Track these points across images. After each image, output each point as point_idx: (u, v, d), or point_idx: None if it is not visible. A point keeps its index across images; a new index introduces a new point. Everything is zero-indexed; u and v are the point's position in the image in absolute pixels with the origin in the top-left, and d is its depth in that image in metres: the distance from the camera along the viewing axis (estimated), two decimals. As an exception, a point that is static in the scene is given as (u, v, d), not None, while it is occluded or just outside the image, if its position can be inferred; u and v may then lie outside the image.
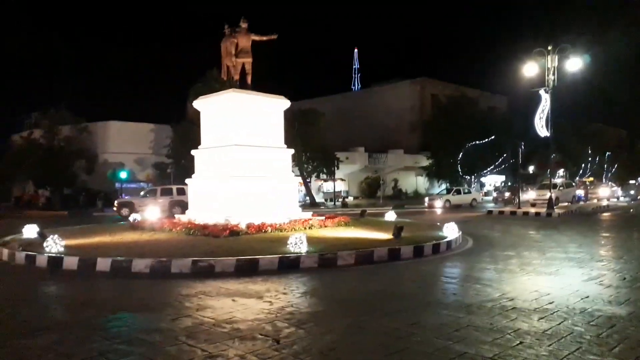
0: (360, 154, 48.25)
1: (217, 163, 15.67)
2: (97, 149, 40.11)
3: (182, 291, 7.61)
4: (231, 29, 16.49)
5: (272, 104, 16.32)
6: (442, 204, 32.65)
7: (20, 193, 43.72)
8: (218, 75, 25.59)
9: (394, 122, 56.00)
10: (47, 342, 5.15)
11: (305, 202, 37.33)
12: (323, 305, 6.75)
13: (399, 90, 59.46)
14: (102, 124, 41.38)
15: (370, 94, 64.25)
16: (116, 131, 41.38)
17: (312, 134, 35.59)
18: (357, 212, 21.15)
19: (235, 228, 12.80)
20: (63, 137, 38.13)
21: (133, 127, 41.66)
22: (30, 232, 12.84)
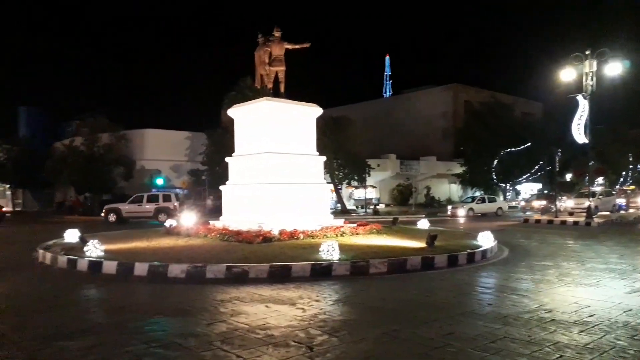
0: (391, 161, 47.95)
1: (251, 170, 15.87)
2: (135, 156, 41.18)
3: (216, 296, 7.73)
4: (265, 38, 16.72)
5: (305, 111, 16.43)
6: (465, 212, 31.95)
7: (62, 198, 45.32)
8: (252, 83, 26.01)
9: (426, 128, 55.49)
10: (87, 344, 5.29)
11: (336, 209, 37.31)
12: (356, 313, 6.71)
13: (431, 96, 58.93)
14: (139, 131, 42.52)
15: (401, 101, 63.88)
16: (153, 139, 42.41)
17: (343, 141, 35.63)
18: (388, 220, 20.99)
19: (268, 234, 12.92)
20: (102, 145, 39.42)
21: (169, 134, 42.61)
22: (72, 237, 13.27)
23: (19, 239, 18.69)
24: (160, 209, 28.92)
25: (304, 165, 16.06)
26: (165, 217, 28.15)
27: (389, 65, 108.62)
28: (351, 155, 36.68)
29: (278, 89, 16.66)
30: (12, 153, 46.21)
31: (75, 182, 39.09)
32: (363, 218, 28.01)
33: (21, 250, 14.10)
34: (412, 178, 46.38)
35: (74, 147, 39.65)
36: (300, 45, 16.85)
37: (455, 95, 57.73)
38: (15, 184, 48.77)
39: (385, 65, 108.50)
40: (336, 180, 37.36)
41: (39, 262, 11.80)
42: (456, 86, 58.28)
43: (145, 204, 29.26)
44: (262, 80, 16.92)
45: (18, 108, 58.62)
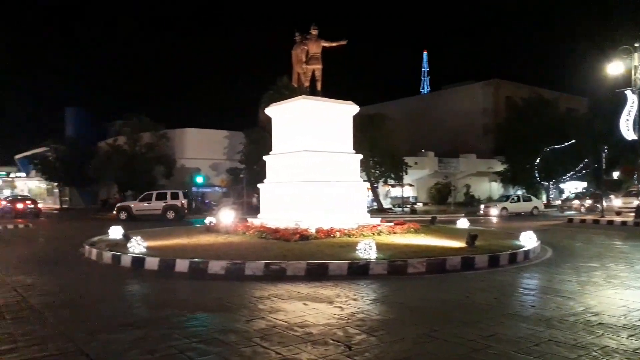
0: (429, 159, 47.29)
1: (288, 168, 15.99)
2: (175, 155, 42.13)
3: (255, 293, 7.82)
4: (302, 37, 16.75)
5: (341, 109, 16.41)
6: (498, 211, 30.99)
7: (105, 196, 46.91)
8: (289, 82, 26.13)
9: (466, 125, 54.35)
10: (132, 338, 5.46)
11: (373, 207, 37.14)
12: (394, 313, 6.66)
13: (471, 92, 57.71)
14: (179, 130, 43.47)
15: (440, 97, 62.86)
16: (193, 137, 43.28)
17: (380, 139, 35.35)
18: (426, 219, 20.72)
19: (305, 232, 12.98)
20: (144, 144, 40.53)
21: (208, 133, 43.38)
22: (116, 234, 13.72)
23: (65, 235, 19.48)
24: (168, 206, 29.56)
25: (341, 163, 16.05)
26: (173, 214, 29.09)
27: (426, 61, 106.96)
28: (388, 153, 36.35)
29: (315, 87, 16.69)
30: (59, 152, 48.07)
31: (119, 180, 40.37)
32: (400, 217, 27.76)
33: (68, 246, 14.68)
34: (451, 176, 45.60)
35: (117, 146, 40.95)
36: (337, 43, 16.80)
37: (496, 91, 56.36)
38: (62, 182, 50.72)
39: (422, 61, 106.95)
40: (372, 178, 37.14)
41: (85, 257, 12.28)
42: (497, 81, 56.90)
43: (154, 202, 29.85)
44: (299, 78, 16.98)
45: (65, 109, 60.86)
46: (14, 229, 23.10)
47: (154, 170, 40.22)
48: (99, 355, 4.92)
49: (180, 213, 29.46)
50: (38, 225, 25.62)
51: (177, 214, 29.32)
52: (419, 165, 44.34)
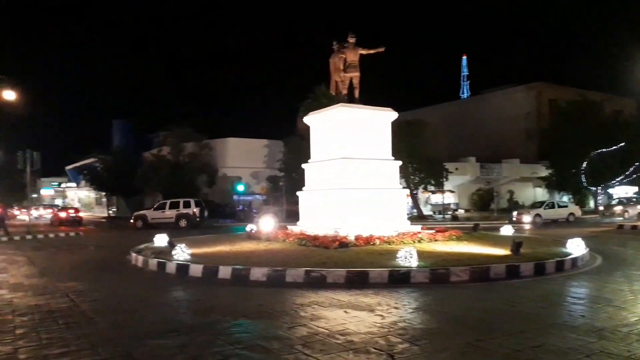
0: (471, 165, 46.33)
1: (326, 176, 16.04)
2: (217, 164, 43.01)
3: (296, 300, 7.87)
4: (339, 45, 16.82)
5: (380, 116, 16.36)
6: (532, 218, 29.72)
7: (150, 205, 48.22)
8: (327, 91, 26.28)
9: (508, 130, 52.98)
10: (178, 343, 5.59)
11: (412, 214, 36.69)
12: (437, 322, 6.56)
13: (513, 96, 56.28)
14: (221, 140, 44.40)
15: (480, 101, 61.58)
16: (234, 147, 44.11)
17: (419, 145, 34.96)
18: (469, 226, 20.30)
19: (344, 240, 12.96)
20: (187, 153, 41.58)
21: (249, 142, 44.12)
22: (161, 241, 14.10)
23: (113, 243, 20.17)
24: (181, 215, 30.37)
25: (380, 170, 15.97)
26: (185, 222, 29.72)
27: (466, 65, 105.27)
28: (427, 159, 35.90)
29: (353, 95, 16.71)
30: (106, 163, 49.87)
31: (163, 190, 41.50)
32: (441, 224, 27.30)
33: (116, 254, 15.20)
34: (494, 182, 44.49)
35: (162, 156, 42.17)
36: (375, 50, 16.79)
37: (539, 94, 54.75)
38: (110, 191, 52.58)
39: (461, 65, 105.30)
40: (412, 185, 36.73)
41: (132, 264, 12.67)
42: (540, 85, 55.31)
43: (168, 211, 30.76)
44: (337, 86, 17.05)
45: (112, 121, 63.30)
46: (65, 237, 24.10)
47: (197, 179, 41.18)
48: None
49: (192, 221, 30.25)
50: (87, 233, 26.64)
51: (189, 222, 30.14)
52: (459, 171, 43.51)
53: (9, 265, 13.23)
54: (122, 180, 46.69)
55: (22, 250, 17.46)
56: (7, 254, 16.04)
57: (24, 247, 18.78)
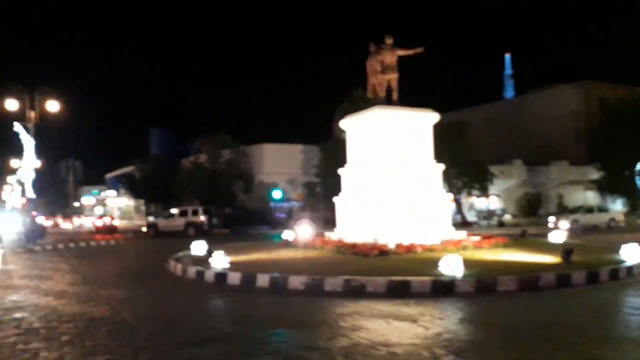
0: (517, 168, 44.91)
1: (364, 181, 15.77)
2: (253, 170, 43.35)
3: (336, 310, 7.70)
4: (377, 47, 16.59)
5: (420, 118, 15.98)
6: (569, 224, 28.25)
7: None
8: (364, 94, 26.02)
9: (556, 131, 51.10)
10: (217, 353, 5.55)
11: (456, 220, 35.86)
12: (483, 333, 6.27)
13: (560, 95, 54.30)
14: (257, 146, 44.77)
15: (526, 101, 59.69)
16: (270, 153, 44.40)
17: (462, 147, 34.14)
18: (516, 232, 19.61)
19: (384, 247, 12.68)
20: (224, 160, 42.09)
21: (285, 148, 44.31)
22: (199, 249, 14.20)
23: (152, 251, 20.57)
24: (189, 223, 31.06)
25: (421, 175, 15.57)
26: (194, 230, 30.24)
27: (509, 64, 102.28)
28: (471, 162, 35.01)
29: (391, 97, 16.40)
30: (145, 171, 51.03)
31: (200, 197, 42.19)
32: (487, 230, 26.49)
33: (155, 262, 15.41)
34: (542, 185, 42.95)
35: (199, 164, 42.88)
36: (413, 51, 16.45)
37: (588, 93, 52.63)
38: (148, 199, 53.75)
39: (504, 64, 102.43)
40: (455, 189, 35.91)
41: (171, 272, 12.79)
42: (588, 83, 53.18)
43: (177, 219, 31.60)
44: (375, 89, 16.79)
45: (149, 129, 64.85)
46: (106, 245, 24.80)
47: (234, 186, 41.61)
48: (186, 369, 5.02)
49: (200, 229, 30.74)
50: (126, 242, 27.30)
51: (198, 230, 30.66)
52: (505, 174, 42.19)
53: (54, 272, 13.63)
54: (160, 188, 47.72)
55: (66, 258, 18.03)
56: (52, 262, 16.60)
57: (67, 255, 19.40)
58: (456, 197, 36.72)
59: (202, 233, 30.00)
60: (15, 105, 23.96)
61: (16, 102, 23.91)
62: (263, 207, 41.64)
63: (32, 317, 7.62)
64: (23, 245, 21.90)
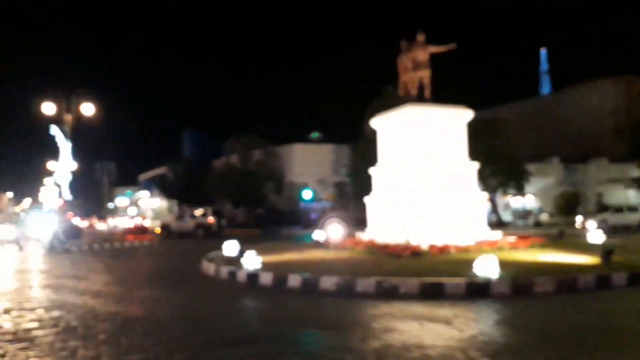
0: (554, 166, 43.66)
1: (395, 180, 15.59)
2: (284, 171, 43.55)
3: (368, 311, 7.63)
4: (408, 44, 16.39)
5: (453, 115, 15.70)
6: (597, 224, 27.04)
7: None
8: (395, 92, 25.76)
9: (594, 127, 49.49)
10: (249, 353, 5.56)
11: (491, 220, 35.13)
12: (519, 336, 6.10)
13: (599, 90, 52.59)
14: (287, 147, 44.98)
15: (563, 97, 58.05)
16: (300, 153, 44.54)
17: (496, 145, 33.41)
18: (553, 232, 19.05)
19: (417, 248, 12.51)
20: (254, 161, 42.49)
21: (314, 148, 44.39)
22: (231, 249, 14.32)
23: (184, 251, 20.88)
24: (199, 224, 31.52)
25: (455, 173, 15.29)
26: (202, 232, 30.72)
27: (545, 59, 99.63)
28: (506, 161, 34.22)
29: (423, 95, 16.15)
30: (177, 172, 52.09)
31: (232, 197, 42.71)
32: (523, 230, 25.80)
33: (187, 262, 15.64)
34: (580, 184, 41.63)
35: (230, 165, 43.42)
36: (445, 48, 16.18)
37: (629, 88, 50.79)
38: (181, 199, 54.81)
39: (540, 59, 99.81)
40: (489, 188, 35.17)
41: (204, 273, 12.94)
42: (629, 78, 51.30)
43: (187, 220, 32.25)
44: (406, 87, 16.57)
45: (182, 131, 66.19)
46: (139, 246, 25.34)
47: (265, 186, 41.91)
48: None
49: (209, 231, 31.22)
50: (160, 242, 27.83)
51: (206, 231, 31.17)
52: (542, 172, 41.08)
53: (90, 272, 14.03)
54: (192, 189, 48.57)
55: (101, 258, 18.51)
56: (88, 262, 17.09)
57: (102, 255, 19.92)
58: (491, 196, 35.94)
59: (211, 234, 30.67)
60: (52, 109, 24.79)
61: (53, 106, 24.75)
62: (293, 207, 41.81)
63: (70, 315, 7.81)
64: (60, 246, 22.62)
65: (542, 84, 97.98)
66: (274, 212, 41.48)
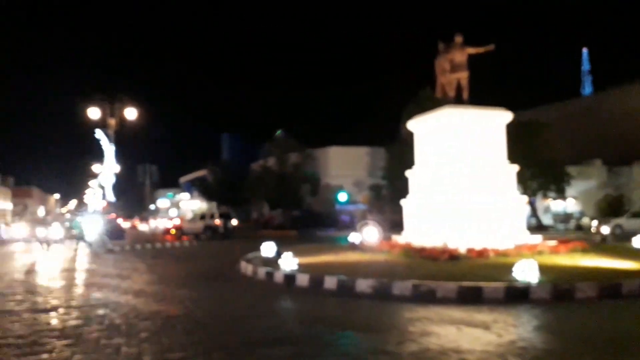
0: (596, 168, 42.22)
1: (433, 183, 15.45)
2: (320, 173, 43.77)
3: (404, 314, 7.60)
4: (445, 46, 16.26)
5: (492, 117, 15.46)
6: (611, 229, 25.21)
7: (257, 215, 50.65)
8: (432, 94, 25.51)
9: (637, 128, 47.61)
10: (286, 354, 5.61)
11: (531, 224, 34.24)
12: (561, 342, 5.96)
13: (643, 91, 50.56)
14: (323, 149, 45.19)
15: (605, 98, 56.05)
16: (335, 155, 44.65)
17: (536, 147, 32.58)
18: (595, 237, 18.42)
19: (454, 252, 12.36)
20: (291, 164, 42.94)
21: (350, 151, 44.38)
22: (268, 251, 14.50)
23: (223, 252, 21.20)
24: (207, 226, 32.59)
25: (493, 176, 15.03)
26: (210, 233, 32.00)
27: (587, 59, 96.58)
28: (546, 163, 33.30)
29: (460, 97, 15.98)
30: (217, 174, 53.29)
31: (269, 199, 43.26)
32: (564, 234, 25.06)
33: (225, 263, 15.89)
34: (623, 187, 40.06)
35: (267, 168, 44.06)
36: (484, 49, 15.96)
37: (675, 88, 48.68)
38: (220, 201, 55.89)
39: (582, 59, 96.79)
40: (529, 191, 34.29)
41: (242, 273, 13.13)
42: (675, 77, 49.15)
43: (197, 222, 33.65)
44: (444, 89, 16.43)
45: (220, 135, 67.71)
46: (180, 246, 25.92)
47: (301, 188, 42.27)
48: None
49: (215, 232, 32.21)
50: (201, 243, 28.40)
51: (214, 233, 32.22)
52: (583, 175, 39.79)
53: (132, 272, 14.43)
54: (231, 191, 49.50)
55: (142, 258, 19.00)
56: (130, 262, 17.57)
57: (144, 255, 20.44)
58: (531, 200, 35.05)
59: (223, 236, 31.76)
60: (97, 114, 25.88)
61: (98, 111, 25.81)
62: (329, 209, 41.92)
63: (114, 314, 8.07)
64: (104, 246, 23.39)
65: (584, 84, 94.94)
66: (310, 214, 41.68)
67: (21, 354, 5.80)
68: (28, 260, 18.84)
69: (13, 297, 10.06)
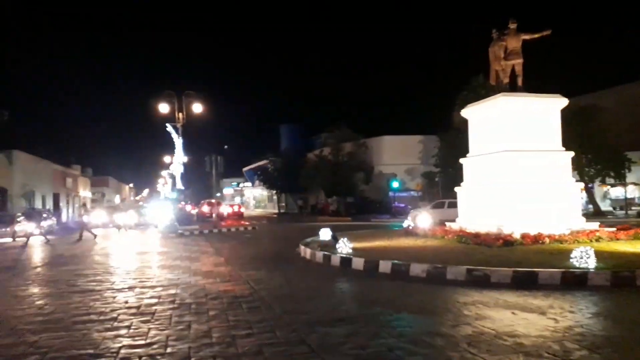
0: (658, 153, 39.86)
1: (487, 170, 15.37)
2: (373, 162, 44.03)
3: (458, 298, 7.74)
4: (499, 32, 16.01)
5: (546, 103, 15.16)
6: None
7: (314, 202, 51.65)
8: (485, 81, 25.09)
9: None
10: (345, 332, 5.93)
11: (588, 210, 33.02)
12: (621, 329, 5.92)
13: None
14: (376, 139, 45.34)
15: (671, 79, 52.54)
16: (389, 144, 44.68)
17: (593, 133, 31.30)
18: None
19: (509, 238, 12.32)
20: (346, 153, 43.53)
21: (403, 139, 44.28)
22: (325, 235, 14.95)
23: (282, 236, 21.90)
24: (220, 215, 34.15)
25: (548, 163, 14.78)
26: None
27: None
28: (604, 149, 31.93)
29: (515, 84, 15.71)
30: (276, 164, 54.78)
31: (324, 187, 43.98)
32: (623, 221, 24.07)
33: (286, 246, 16.51)
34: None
35: (323, 157, 44.85)
36: (539, 34, 15.56)
37: None
38: (279, 189, 57.44)
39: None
40: (586, 177, 33.05)
41: (301, 256, 13.66)
42: None
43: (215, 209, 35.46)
44: (498, 76, 16.21)
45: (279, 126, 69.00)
46: (244, 230, 26.94)
47: (355, 177, 42.76)
48: (318, 346, 5.45)
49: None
50: (261, 228, 29.36)
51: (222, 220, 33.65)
52: (644, 160, 37.79)
53: (201, 255, 15.28)
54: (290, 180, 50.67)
55: (210, 242, 20.02)
56: (199, 245, 18.55)
57: (210, 239, 21.49)
58: (587, 186, 33.77)
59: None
60: (166, 109, 27.67)
61: (167, 106, 27.59)
62: (382, 196, 42.10)
63: (184, 293, 8.68)
64: (174, 230, 24.76)
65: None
66: (364, 201, 41.99)
67: (103, 329, 6.39)
68: (106, 244, 20.22)
69: (94, 277, 11.00)
